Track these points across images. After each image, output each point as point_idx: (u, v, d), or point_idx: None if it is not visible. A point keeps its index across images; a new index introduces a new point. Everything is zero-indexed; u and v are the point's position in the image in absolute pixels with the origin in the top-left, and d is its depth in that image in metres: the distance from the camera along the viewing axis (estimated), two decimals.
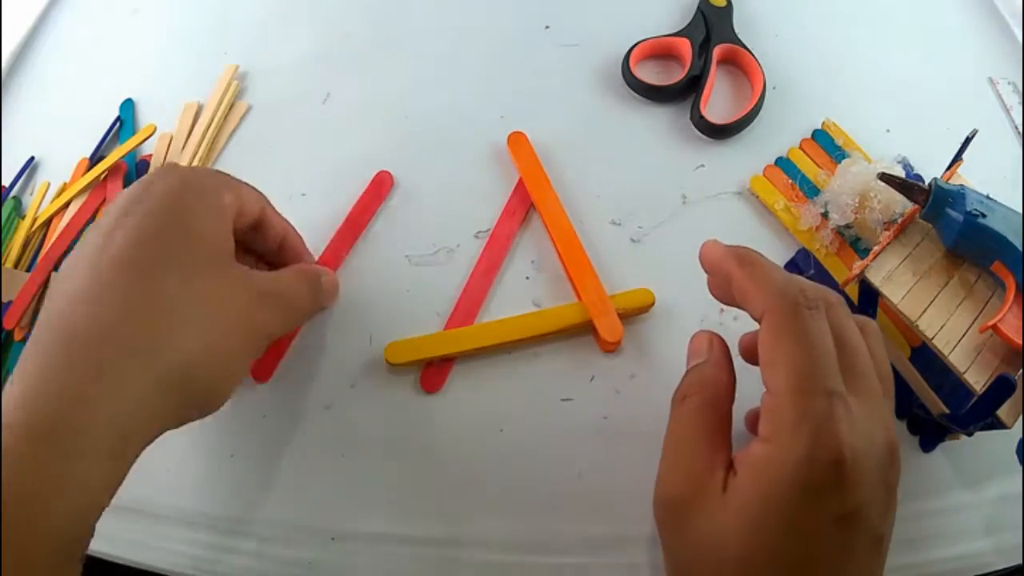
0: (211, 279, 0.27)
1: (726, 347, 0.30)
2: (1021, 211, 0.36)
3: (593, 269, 0.38)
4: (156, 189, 0.28)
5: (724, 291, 0.29)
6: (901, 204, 0.38)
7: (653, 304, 0.37)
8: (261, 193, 0.33)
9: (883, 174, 0.34)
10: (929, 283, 0.32)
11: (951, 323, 0.31)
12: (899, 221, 0.35)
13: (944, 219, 0.33)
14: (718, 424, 0.28)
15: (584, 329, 0.37)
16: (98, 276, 0.25)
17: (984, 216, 0.32)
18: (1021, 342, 0.30)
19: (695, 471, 0.27)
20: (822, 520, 0.24)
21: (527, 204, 0.40)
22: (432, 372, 0.36)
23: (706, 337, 0.30)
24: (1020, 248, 0.31)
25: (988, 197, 0.33)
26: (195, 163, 0.43)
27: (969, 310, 0.32)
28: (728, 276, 0.28)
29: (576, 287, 0.37)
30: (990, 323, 0.30)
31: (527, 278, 0.39)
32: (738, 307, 0.28)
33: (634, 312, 0.37)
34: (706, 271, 0.30)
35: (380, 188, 0.41)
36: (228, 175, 0.31)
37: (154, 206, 0.27)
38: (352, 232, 0.40)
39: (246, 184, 0.32)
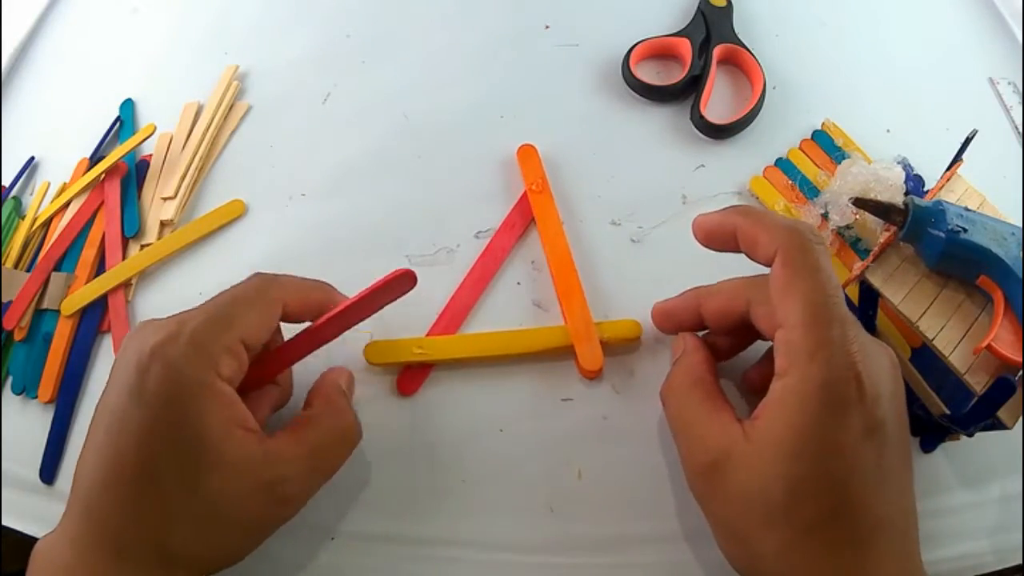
0: (214, 476, 0.26)
1: (697, 336, 0.33)
2: (1021, 211, 0.36)
3: (583, 293, 0.37)
4: (151, 384, 0.26)
5: (726, 243, 0.30)
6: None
7: (639, 337, 0.36)
8: (282, 284, 0.31)
9: (857, 199, 0.33)
10: (930, 284, 0.32)
11: (951, 324, 0.31)
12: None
13: (925, 239, 0.31)
14: (710, 391, 0.30)
15: (567, 352, 0.36)
16: (111, 474, 0.26)
17: (966, 231, 0.31)
18: (1020, 358, 0.29)
19: (712, 436, 0.28)
20: (853, 436, 0.25)
21: (527, 219, 0.40)
22: (409, 375, 0.35)
23: (679, 336, 0.33)
24: (1004, 258, 0.30)
25: (966, 209, 0.32)
26: (195, 163, 0.43)
27: (970, 311, 0.32)
28: (733, 229, 0.29)
29: (563, 310, 0.37)
30: (983, 343, 0.29)
31: (518, 283, 0.38)
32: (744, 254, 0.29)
33: (619, 343, 0.36)
34: (703, 239, 0.31)
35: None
36: (220, 325, 0.28)
37: (151, 408, 0.26)
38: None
39: (253, 313, 0.29)
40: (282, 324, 0.32)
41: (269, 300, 0.30)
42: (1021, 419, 0.30)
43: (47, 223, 0.42)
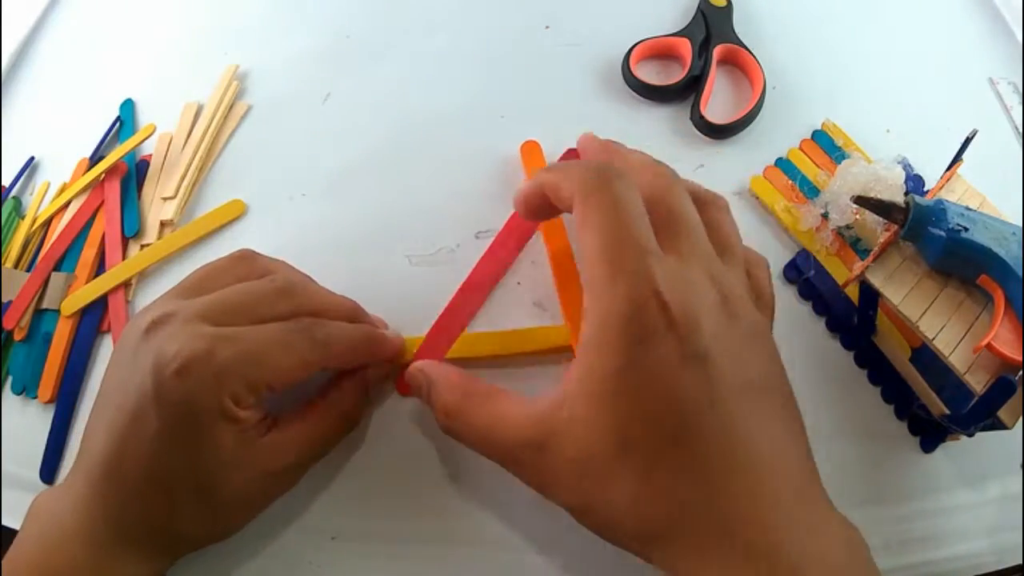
0: (221, 476, 0.28)
1: (439, 363, 0.32)
2: (1021, 211, 0.36)
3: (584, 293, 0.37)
4: (168, 403, 0.26)
5: (544, 206, 0.29)
6: None
7: None
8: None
9: (859, 197, 0.33)
10: (930, 283, 0.32)
11: (952, 324, 0.31)
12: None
13: (926, 237, 0.31)
14: (488, 391, 0.28)
15: (567, 352, 0.36)
16: (117, 464, 0.27)
17: (967, 230, 0.31)
18: (1020, 357, 0.29)
19: (519, 422, 0.26)
20: (668, 365, 0.23)
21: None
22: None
23: (416, 372, 0.32)
24: (1005, 258, 0.30)
25: (967, 208, 0.32)
26: (195, 163, 0.42)
27: (970, 311, 0.32)
28: (542, 188, 0.28)
29: (563, 309, 0.36)
30: (983, 342, 0.29)
31: (518, 283, 0.38)
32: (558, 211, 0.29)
33: None
34: (525, 212, 0.30)
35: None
36: (250, 365, 0.28)
37: (165, 423, 0.26)
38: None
39: (288, 363, 0.29)
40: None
41: (309, 361, 0.30)
42: (1021, 419, 0.30)
43: (47, 223, 0.42)
